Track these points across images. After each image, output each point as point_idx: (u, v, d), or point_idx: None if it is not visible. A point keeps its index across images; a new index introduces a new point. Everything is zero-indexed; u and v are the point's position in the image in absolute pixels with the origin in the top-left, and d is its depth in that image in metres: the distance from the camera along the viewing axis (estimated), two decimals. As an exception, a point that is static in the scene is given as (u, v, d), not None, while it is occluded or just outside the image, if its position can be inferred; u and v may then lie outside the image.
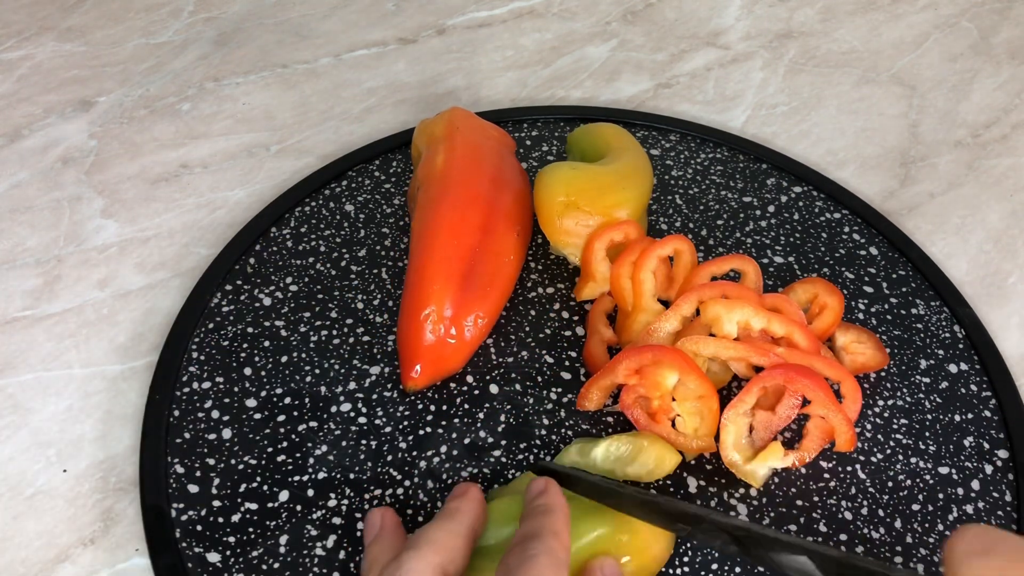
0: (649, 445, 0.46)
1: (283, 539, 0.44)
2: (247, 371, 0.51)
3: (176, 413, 0.48)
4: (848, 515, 0.46)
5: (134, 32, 0.77)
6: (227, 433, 0.48)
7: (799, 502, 0.46)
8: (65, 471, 0.48)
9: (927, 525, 0.45)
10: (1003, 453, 0.49)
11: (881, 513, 0.46)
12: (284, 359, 0.51)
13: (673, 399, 0.47)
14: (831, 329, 0.51)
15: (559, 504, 0.38)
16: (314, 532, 0.44)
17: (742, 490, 0.46)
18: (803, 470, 0.47)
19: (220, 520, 0.44)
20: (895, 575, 0.32)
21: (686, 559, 0.44)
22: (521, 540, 0.36)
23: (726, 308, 0.48)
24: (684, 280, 0.53)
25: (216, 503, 0.45)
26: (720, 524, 0.37)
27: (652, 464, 0.46)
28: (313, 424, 0.48)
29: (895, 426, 0.49)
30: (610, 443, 0.46)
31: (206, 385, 0.50)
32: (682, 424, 0.47)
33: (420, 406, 0.49)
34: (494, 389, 0.50)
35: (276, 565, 0.43)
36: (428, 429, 0.48)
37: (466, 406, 0.50)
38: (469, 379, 0.51)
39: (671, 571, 0.43)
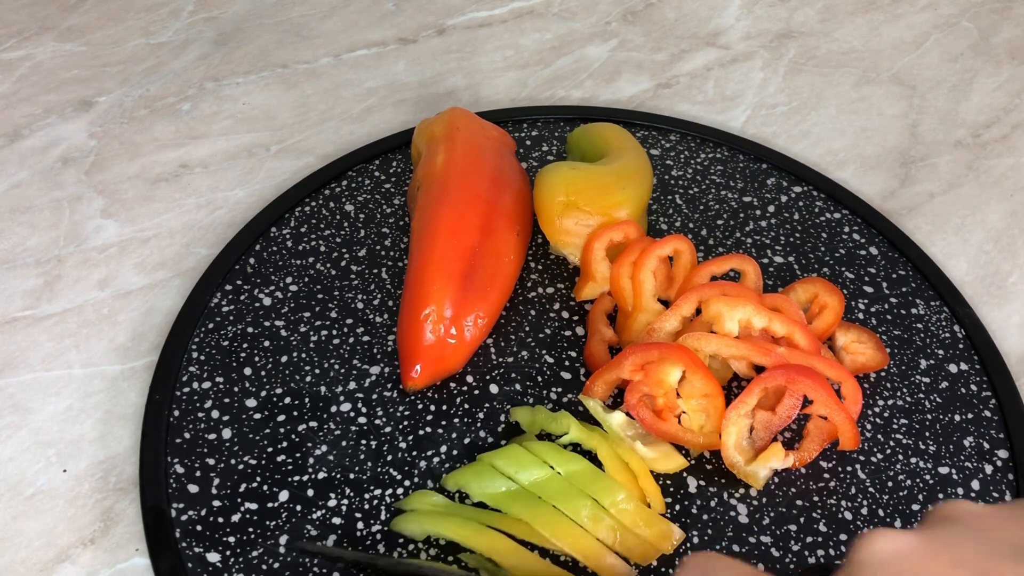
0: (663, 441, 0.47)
1: (283, 539, 0.44)
2: (247, 371, 0.51)
3: (176, 413, 0.48)
4: (848, 515, 0.46)
5: (134, 32, 0.77)
6: (227, 433, 0.48)
7: (799, 502, 0.46)
8: (65, 471, 0.48)
9: (927, 525, 0.45)
10: (1003, 453, 0.49)
11: (881, 513, 0.46)
12: (284, 359, 0.51)
13: (678, 395, 0.47)
14: (831, 329, 0.51)
15: None
16: (314, 532, 0.44)
17: (742, 490, 0.46)
18: (803, 470, 0.47)
19: (220, 520, 0.44)
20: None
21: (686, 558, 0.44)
22: None
23: (728, 306, 0.48)
24: (684, 280, 0.53)
25: (216, 503, 0.45)
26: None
27: (658, 454, 0.46)
28: (313, 424, 0.48)
29: (895, 426, 0.49)
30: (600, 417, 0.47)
31: (206, 385, 0.50)
32: (688, 421, 0.47)
33: (420, 406, 0.49)
34: (494, 389, 0.50)
35: (276, 565, 0.43)
36: (428, 429, 0.48)
37: (466, 406, 0.50)
38: (469, 379, 0.51)
39: (671, 571, 0.43)
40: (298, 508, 0.45)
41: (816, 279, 0.53)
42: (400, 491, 0.46)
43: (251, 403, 0.49)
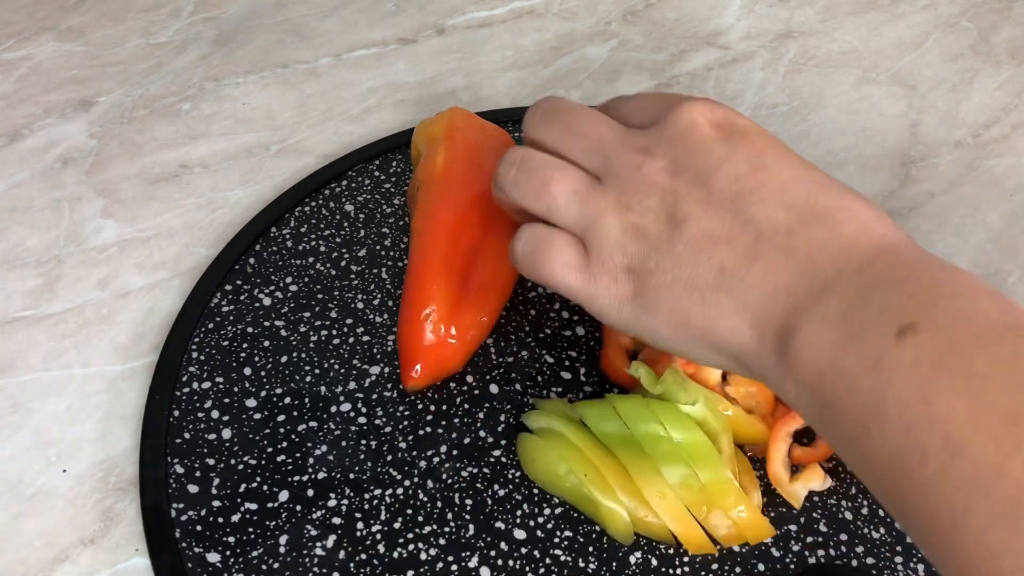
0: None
1: (283, 539, 0.44)
2: (247, 371, 0.51)
3: (176, 413, 0.48)
4: (848, 515, 0.46)
5: (134, 32, 0.77)
6: (227, 433, 0.48)
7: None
8: (65, 471, 0.48)
9: (927, 525, 0.45)
10: (1003, 453, 0.48)
11: (881, 513, 0.46)
12: (284, 359, 0.51)
13: (726, 383, 0.47)
14: None
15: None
16: (314, 532, 0.44)
17: (742, 490, 0.46)
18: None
19: (220, 520, 0.44)
20: None
21: (686, 559, 0.44)
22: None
23: None
24: None
25: (216, 503, 0.45)
26: None
27: (731, 449, 0.45)
28: (313, 424, 0.48)
29: (895, 426, 0.49)
30: (719, 400, 0.45)
31: (206, 385, 0.50)
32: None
33: (420, 406, 0.50)
34: (494, 389, 0.51)
35: (276, 565, 0.43)
36: (428, 429, 0.48)
37: (466, 406, 0.50)
38: (469, 379, 0.51)
39: (670, 571, 0.43)
40: (298, 508, 0.45)
41: None
42: (400, 491, 0.46)
43: (251, 403, 0.49)
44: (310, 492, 0.46)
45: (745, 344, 0.34)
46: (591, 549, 0.44)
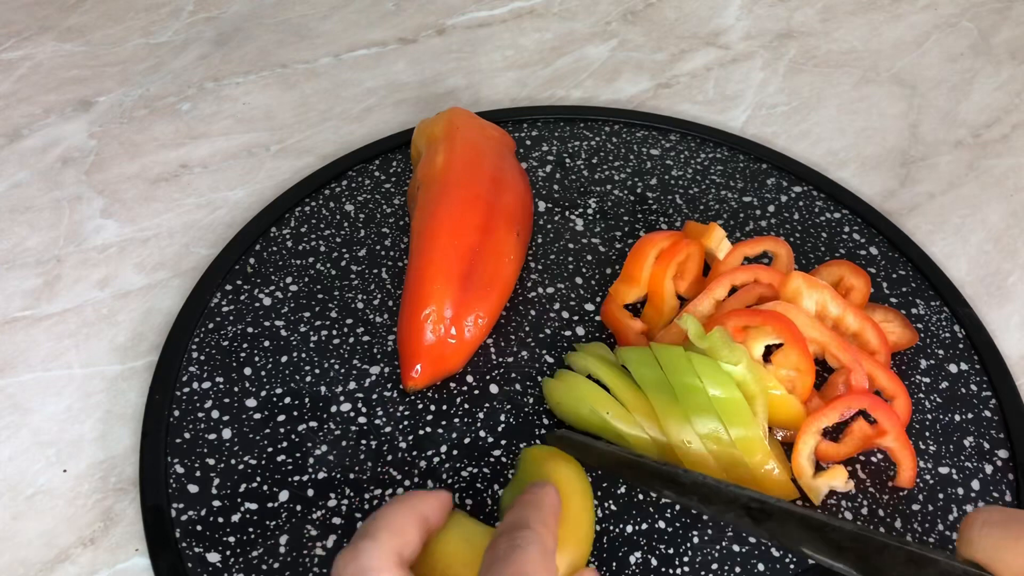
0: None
1: (283, 539, 0.44)
2: (247, 371, 0.51)
3: (176, 413, 0.48)
4: (848, 515, 0.46)
5: (134, 32, 0.77)
6: (227, 433, 0.48)
7: (799, 501, 0.46)
8: (65, 471, 0.48)
9: (927, 525, 0.45)
10: (1003, 453, 0.49)
11: (881, 513, 0.46)
12: (284, 359, 0.51)
13: (767, 362, 0.47)
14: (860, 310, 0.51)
15: (551, 501, 0.37)
16: (314, 532, 0.44)
17: (742, 490, 0.46)
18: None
19: (220, 520, 0.44)
20: (910, 547, 0.32)
21: (686, 559, 0.44)
22: (508, 528, 0.34)
23: (807, 283, 0.48)
24: (715, 264, 0.53)
25: (216, 503, 0.45)
26: (735, 497, 0.37)
27: (766, 414, 0.45)
28: (313, 424, 0.48)
29: (895, 426, 0.50)
30: (764, 371, 0.45)
31: (206, 385, 0.50)
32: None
33: (420, 406, 0.49)
34: (494, 389, 0.51)
35: (276, 565, 0.43)
36: (428, 429, 0.48)
37: (466, 406, 0.50)
38: (469, 379, 0.51)
39: (671, 571, 0.43)
40: (298, 508, 0.45)
41: (842, 261, 0.52)
42: (400, 491, 0.46)
43: (251, 403, 0.49)
44: (310, 492, 0.46)
45: None
46: (591, 549, 0.44)
